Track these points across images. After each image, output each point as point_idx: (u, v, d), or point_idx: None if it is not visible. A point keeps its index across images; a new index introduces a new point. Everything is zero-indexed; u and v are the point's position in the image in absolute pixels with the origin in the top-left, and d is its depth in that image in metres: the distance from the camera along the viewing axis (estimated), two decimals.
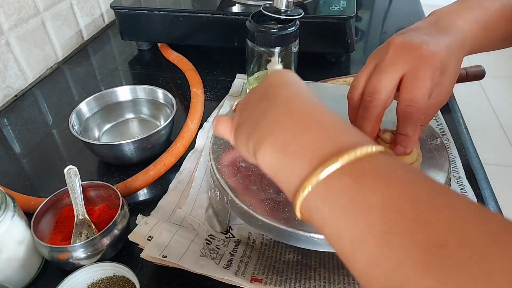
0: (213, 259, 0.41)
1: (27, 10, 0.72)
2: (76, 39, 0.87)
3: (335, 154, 0.24)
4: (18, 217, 0.40)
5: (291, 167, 0.26)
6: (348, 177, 0.23)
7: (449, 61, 0.38)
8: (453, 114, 0.63)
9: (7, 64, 0.70)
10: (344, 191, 0.23)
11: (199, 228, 0.45)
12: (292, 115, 0.28)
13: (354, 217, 0.22)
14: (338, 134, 0.26)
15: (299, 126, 0.27)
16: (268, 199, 0.37)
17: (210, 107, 0.66)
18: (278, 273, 0.41)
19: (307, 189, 0.24)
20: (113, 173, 0.55)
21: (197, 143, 0.58)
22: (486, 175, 0.52)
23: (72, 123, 0.55)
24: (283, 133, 0.27)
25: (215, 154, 0.43)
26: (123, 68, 0.80)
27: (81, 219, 0.44)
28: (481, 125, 1.97)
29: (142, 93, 0.62)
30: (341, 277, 0.40)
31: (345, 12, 0.69)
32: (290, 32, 0.55)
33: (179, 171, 0.54)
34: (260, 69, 0.61)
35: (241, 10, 0.73)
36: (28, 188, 0.53)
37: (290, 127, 0.28)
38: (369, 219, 0.22)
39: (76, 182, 0.45)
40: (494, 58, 2.25)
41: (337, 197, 0.23)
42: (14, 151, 0.61)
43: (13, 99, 0.71)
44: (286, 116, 0.28)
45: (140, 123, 0.63)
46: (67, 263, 0.41)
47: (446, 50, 0.38)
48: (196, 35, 0.76)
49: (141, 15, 0.75)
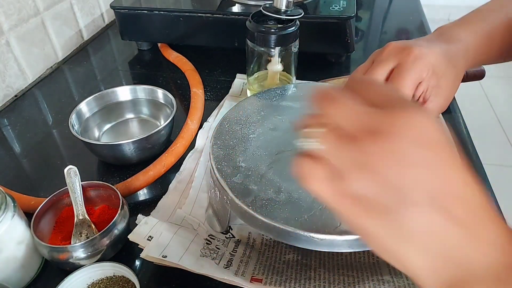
0: (213, 259, 0.41)
1: (27, 10, 0.72)
2: (76, 39, 0.87)
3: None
4: (18, 217, 0.40)
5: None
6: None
7: (446, 67, 0.40)
8: (453, 114, 0.63)
9: (7, 64, 0.70)
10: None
11: (199, 228, 0.45)
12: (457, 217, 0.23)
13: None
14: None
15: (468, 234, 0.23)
16: (268, 199, 0.37)
17: (210, 107, 0.66)
18: (278, 273, 0.41)
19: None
20: (113, 173, 0.55)
21: (197, 143, 0.58)
22: (486, 175, 0.52)
23: (72, 123, 0.55)
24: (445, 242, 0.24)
25: (215, 154, 0.43)
26: (123, 68, 0.80)
27: (81, 219, 0.44)
28: (481, 125, 1.97)
29: (142, 93, 0.62)
30: (341, 277, 0.40)
31: (345, 12, 0.69)
32: (290, 32, 0.55)
33: (179, 171, 0.54)
34: (260, 69, 0.61)
35: (241, 10, 0.73)
36: (28, 188, 0.53)
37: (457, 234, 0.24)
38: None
39: (76, 182, 0.45)
40: None
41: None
42: (14, 151, 0.61)
43: (13, 99, 0.71)
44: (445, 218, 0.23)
45: (140, 123, 0.63)
46: (67, 263, 0.41)
47: (442, 55, 0.40)
48: (196, 35, 0.76)
49: (141, 15, 0.75)
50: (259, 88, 0.62)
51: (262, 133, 0.45)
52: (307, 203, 0.37)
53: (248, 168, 0.41)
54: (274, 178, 0.39)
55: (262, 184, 0.39)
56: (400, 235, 0.24)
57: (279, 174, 0.40)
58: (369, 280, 0.40)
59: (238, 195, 0.38)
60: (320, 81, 0.68)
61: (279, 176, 0.39)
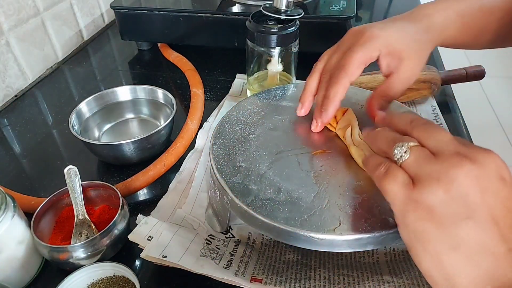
0: (213, 259, 0.41)
1: (27, 10, 0.72)
2: (76, 39, 0.87)
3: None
4: (18, 217, 0.40)
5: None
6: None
7: (404, 46, 0.42)
8: (453, 114, 0.63)
9: (7, 64, 0.70)
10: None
11: (199, 228, 0.45)
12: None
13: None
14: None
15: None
16: (268, 199, 0.37)
17: (210, 107, 0.66)
18: (278, 273, 0.41)
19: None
20: (113, 173, 0.55)
21: (197, 143, 0.58)
22: None
23: (72, 123, 0.55)
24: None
25: (215, 154, 0.43)
26: (123, 68, 0.80)
27: (81, 219, 0.44)
28: (481, 125, 1.97)
29: (142, 93, 0.62)
30: (341, 277, 0.40)
31: (345, 12, 0.69)
32: (290, 32, 0.55)
33: (179, 171, 0.54)
34: (260, 69, 0.61)
35: (241, 10, 0.73)
36: (28, 188, 0.53)
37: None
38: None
39: (76, 182, 0.45)
40: (494, 58, 2.25)
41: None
42: (14, 151, 0.61)
43: (13, 99, 0.71)
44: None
45: (140, 123, 0.63)
46: (67, 263, 0.41)
47: (398, 33, 0.42)
48: (196, 35, 0.76)
49: (141, 15, 0.75)
50: (259, 88, 0.62)
51: (262, 133, 0.45)
52: (307, 203, 0.37)
53: (248, 168, 0.41)
54: (274, 178, 0.39)
55: (262, 184, 0.39)
56: (454, 243, 0.27)
57: (279, 174, 0.40)
58: (369, 280, 0.40)
59: (238, 195, 0.38)
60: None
61: (279, 176, 0.39)
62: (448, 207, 0.27)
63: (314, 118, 0.44)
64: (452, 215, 0.27)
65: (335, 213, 0.36)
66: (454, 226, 0.27)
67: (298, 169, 0.40)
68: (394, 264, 0.42)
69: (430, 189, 0.28)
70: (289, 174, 0.40)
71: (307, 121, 0.46)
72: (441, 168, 0.28)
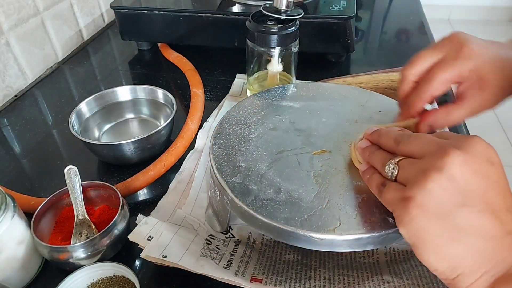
0: (213, 259, 0.41)
1: (27, 10, 0.72)
2: (76, 39, 0.87)
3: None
4: (18, 217, 0.40)
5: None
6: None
7: (495, 74, 0.38)
8: None
9: (7, 64, 0.70)
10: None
11: (199, 228, 0.45)
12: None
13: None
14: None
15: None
16: (268, 199, 0.37)
17: (210, 107, 0.66)
18: (278, 273, 0.41)
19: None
20: (113, 173, 0.55)
21: (197, 143, 0.58)
22: None
23: (72, 123, 0.55)
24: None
25: (215, 154, 0.43)
26: (123, 68, 0.80)
27: (81, 219, 0.44)
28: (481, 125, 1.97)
29: (142, 93, 0.62)
30: (341, 277, 0.40)
31: (345, 12, 0.69)
32: (290, 32, 0.55)
33: (179, 171, 0.54)
34: (260, 69, 0.61)
35: (241, 10, 0.73)
36: (28, 188, 0.53)
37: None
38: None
39: (76, 182, 0.45)
40: None
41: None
42: (14, 151, 0.61)
43: (13, 99, 0.71)
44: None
45: (140, 123, 0.63)
46: (67, 263, 0.41)
47: (494, 61, 0.38)
48: (196, 35, 0.76)
49: (141, 15, 0.75)
50: (259, 88, 0.62)
51: (262, 133, 0.45)
52: (307, 203, 0.37)
53: (248, 168, 0.41)
54: (274, 178, 0.39)
55: (262, 184, 0.39)
56: (453, 234, 0.28)
57: (279, 174, 0.40)
58: (369, 280, 0.40)
59: (238, 195, 0.38)
60: (320, 81, 0.68)
61: (279, 176, 0.39)
62: (440, 198, 0.28)
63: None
64: (446, 205, 0.28)
65: (335, 213, 0.36)
66: (450, 217, 0.28)
67: (298, 169, 0.40)
68: (394, 264, 0.42)
69: (418, 184, 0.28)
70: (289, 174, 0.40)
71: (307, 121, 0.46)
72: (427, 163, 0.29)
